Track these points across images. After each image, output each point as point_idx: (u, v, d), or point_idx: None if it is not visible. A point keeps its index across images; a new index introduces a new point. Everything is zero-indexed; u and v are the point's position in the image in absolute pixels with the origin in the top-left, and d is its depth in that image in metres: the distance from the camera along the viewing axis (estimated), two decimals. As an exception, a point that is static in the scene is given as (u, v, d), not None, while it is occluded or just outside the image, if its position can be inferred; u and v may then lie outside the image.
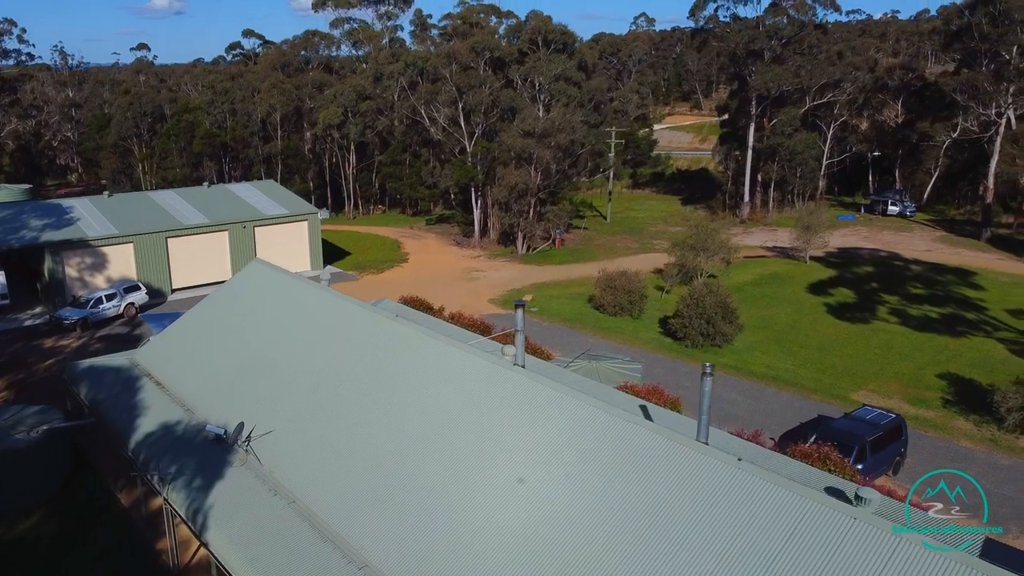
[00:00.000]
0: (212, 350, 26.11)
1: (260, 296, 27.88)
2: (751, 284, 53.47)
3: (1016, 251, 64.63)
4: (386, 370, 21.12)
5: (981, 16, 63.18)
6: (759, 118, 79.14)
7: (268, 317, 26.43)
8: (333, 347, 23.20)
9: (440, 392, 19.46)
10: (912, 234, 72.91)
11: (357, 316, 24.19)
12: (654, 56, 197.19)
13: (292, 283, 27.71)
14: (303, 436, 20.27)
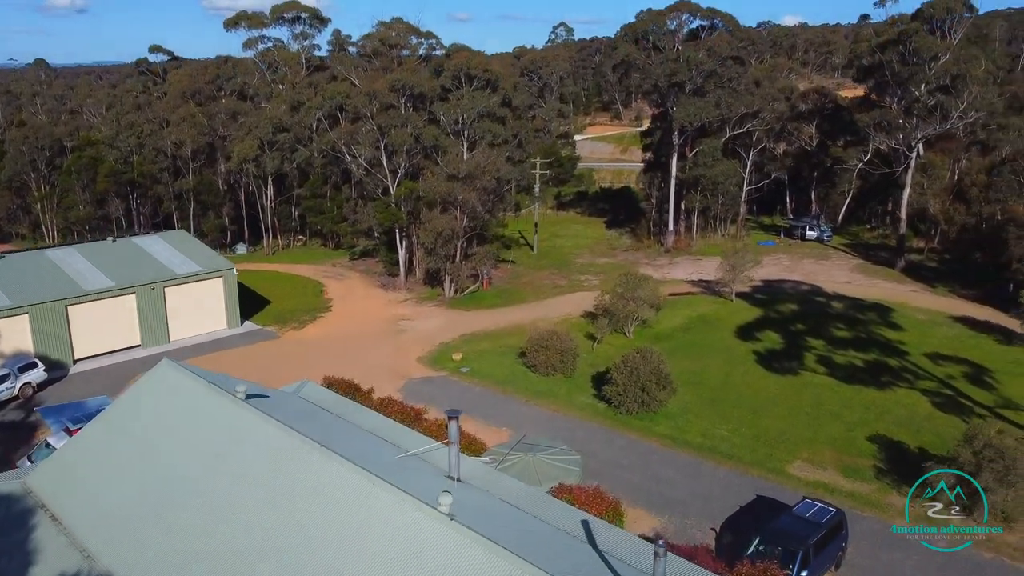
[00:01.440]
0: (116, 474, 23.79)
1: (168, 408, 25.65)
2: (680, 330, 53.39)
3: (928, 280, 66.70)
4: (297, 523, 19.33)
5: (892, 55, 64.96)
6: (682, 147, 79.78)
7: (177, 435, 24.27)
8: (239, 486, 21.29)
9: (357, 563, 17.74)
10: (831, 263, 74.56)
11: (272, 443, 22.32)
12: (574, 66, 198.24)
13: (201, 394, 25.57)
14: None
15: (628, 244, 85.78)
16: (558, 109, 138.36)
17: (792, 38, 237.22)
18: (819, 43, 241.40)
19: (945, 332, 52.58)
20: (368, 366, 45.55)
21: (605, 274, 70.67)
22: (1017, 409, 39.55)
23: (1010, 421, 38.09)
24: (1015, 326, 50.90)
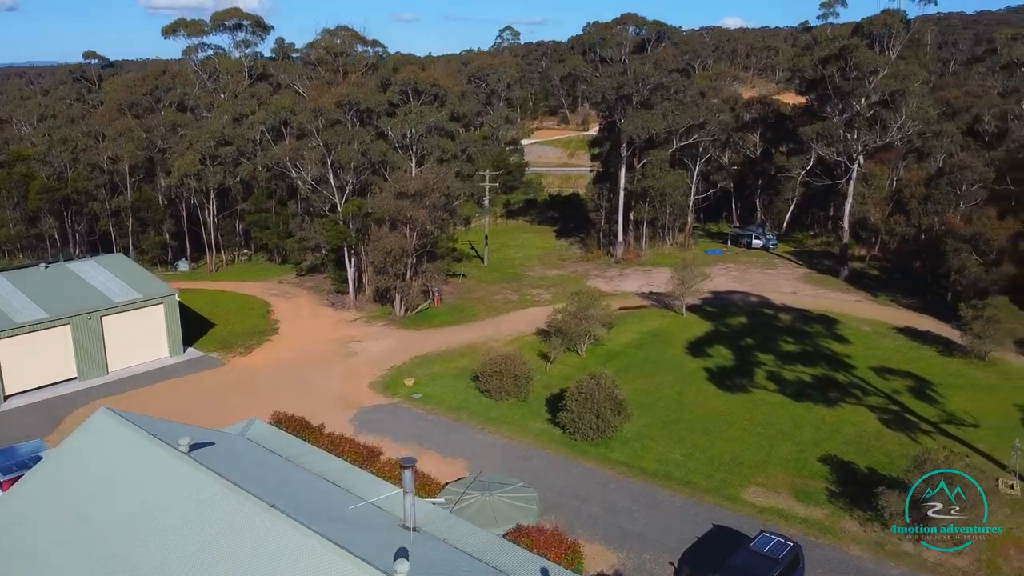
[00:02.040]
0: (48, 539, 22.53)
1: (106, 464, 24.41)
2: (632, 347, 53.47)
3: (871, 290, 68.18)
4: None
5: (833, 69, 66.24)
6: (630, 158, 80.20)
7: (115, 494, 23.10)
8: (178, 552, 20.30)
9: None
10: (777, 272, 75.71)
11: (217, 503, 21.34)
12: (521, 71, 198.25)
13: (141, 447, 24.39)
14: None
15: (578, 255, 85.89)
16: (506, 115, 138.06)
17: (734, 43, 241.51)
18: (760, 48, 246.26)
19: (889, 344, 53.71)
20: (318, 394, 44.55)
21: (556, 287, 70.61)
22: (960, 424, 40.50)
23: (954, 437, 39.01)
24: (955, 336, 52.43)
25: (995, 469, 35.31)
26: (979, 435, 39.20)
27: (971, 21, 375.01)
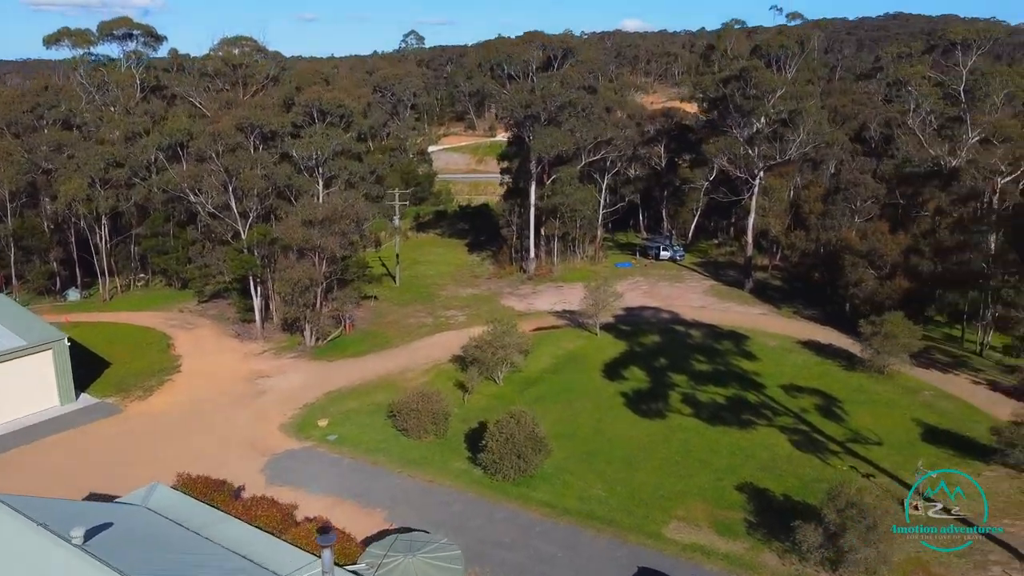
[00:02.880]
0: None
1: (-8, 559, 22.30)
2: (550, 372, 53.37)
3: (775, 301, 70.43)
4: None
5: (735, 89, 68.05)
6: (539, 174, 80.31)
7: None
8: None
9: None
10: (685, 285, 77.29)
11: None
12: (427, 78, 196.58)
13: (28, 541, 22.40)
14: None
15: (491, 271, 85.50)
16: (413, 126, 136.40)
17: (635, 48, 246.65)
18: (660, 53, 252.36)
19: (795, 359, 55.45)
20: (227, 441, 42.47)
21: (471, 308, 70.00)
22: (865, 443, 42.06)
23: (860, 456, 40.49)
24: (855, 349, 54.49)
25: (901, 490, 36.70)
26: (883, 453, 40.80)
27: (853, 27, 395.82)
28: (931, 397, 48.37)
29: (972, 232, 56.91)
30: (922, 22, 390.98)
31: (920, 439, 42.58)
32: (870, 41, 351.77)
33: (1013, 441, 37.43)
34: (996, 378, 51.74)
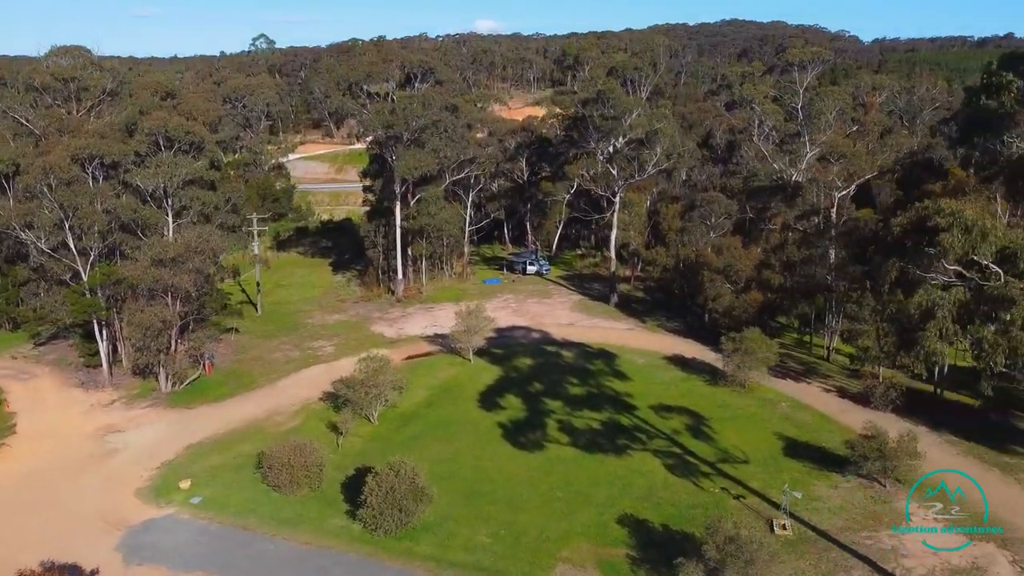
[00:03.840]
0: None
1: None
2: (425, 405, 52.39)
3: (639, 315, 72.51)
4: None
5: (593, 111, 69.48)
6: (404, 194, 78.93)
7: None
8: None
9: None
10: (553, 301, 78.23)
11: None
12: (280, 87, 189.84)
13: None
14: None
15: (358, 293, 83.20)
16: (268, 139, 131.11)
17: (491, 55, 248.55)
18: (515, 59, 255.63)
19: (663, 377, 57.17)
20: (74, 517, 38.69)
21: (340, 337, 67.78)
22: (734, 462, 43.83)
23: (730, 477, 42.14)
24: (716, 360, 56.85)
25: (769, 509, 38.47)
26: (751, 472, 42.65)
27: (694, 32, 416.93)
28: (788, 409, 51.12)
29: (815, 247, 60.67)
30: (754, 28, 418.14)
31: (782, 454, 44.83)
32: (709, 46, 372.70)
33: (865, 454, 40.08)
34: (843, 383, 55.42)
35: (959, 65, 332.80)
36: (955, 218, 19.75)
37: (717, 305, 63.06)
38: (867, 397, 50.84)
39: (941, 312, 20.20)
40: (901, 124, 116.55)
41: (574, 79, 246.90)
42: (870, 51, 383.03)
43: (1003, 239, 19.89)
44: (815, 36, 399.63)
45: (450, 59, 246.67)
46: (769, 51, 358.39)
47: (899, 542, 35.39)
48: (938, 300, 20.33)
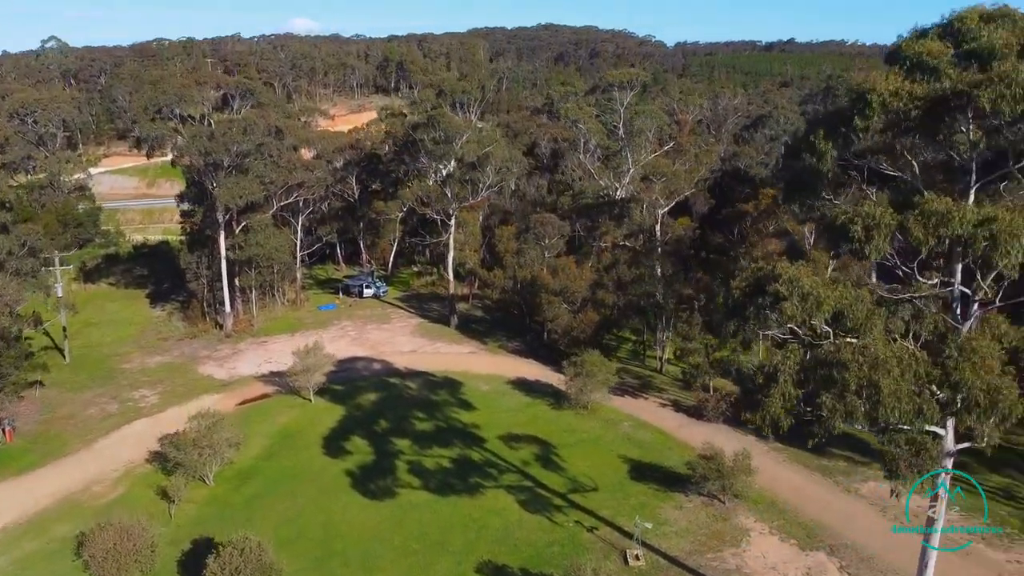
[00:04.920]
0: None
1: None
2: (264, 458, 49.60)
3: (480, 336, 72.71)
4: None
5: (424, 135, 68.69)
6: (228, 223, 74.49)
7: None
8: None
9: None
10: (393, 327, 76.79)
11: None
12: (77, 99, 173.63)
13: None
14: None
15: (182, 330, 77.56)
16: (67, 157, 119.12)
17: (311, 60, 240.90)
18: (337, 65, 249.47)
19: (508, 403, 57.52)
20: None
21: (164, 383, 62.84)
22: (584, 491, 44.75)
23: (581, 508, 42.92)
24: (557, 381, 58.00)
25: (622, 539, 39.54)
26: (601, 500, 43.68)
27: (512, 36, 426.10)
28: (630, 428, 52.97)
29: (644, 265, 63.36)
30: (568, 33, 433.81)
31: (628, 477, 46.30)
32: (528, 50, 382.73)
33: (705, 475, 42.22)
34: (677, 396, 58.26)
35: (752, 68, 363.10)
36: (793, 286, 20.80)
37: (556, 326, 64.37)
38: (700, 411, 53.74)
39: (783, 377, 21.23)
40: (708, 132, 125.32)
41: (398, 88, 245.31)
42: (674, 55, 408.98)
43: (835, 301, 21.22)
44: (624, 41, 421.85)
45: (268, 63, 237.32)
46: (584, 55, 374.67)
47: (742, 560, 37.62)
48: (780, 365, 21.34)
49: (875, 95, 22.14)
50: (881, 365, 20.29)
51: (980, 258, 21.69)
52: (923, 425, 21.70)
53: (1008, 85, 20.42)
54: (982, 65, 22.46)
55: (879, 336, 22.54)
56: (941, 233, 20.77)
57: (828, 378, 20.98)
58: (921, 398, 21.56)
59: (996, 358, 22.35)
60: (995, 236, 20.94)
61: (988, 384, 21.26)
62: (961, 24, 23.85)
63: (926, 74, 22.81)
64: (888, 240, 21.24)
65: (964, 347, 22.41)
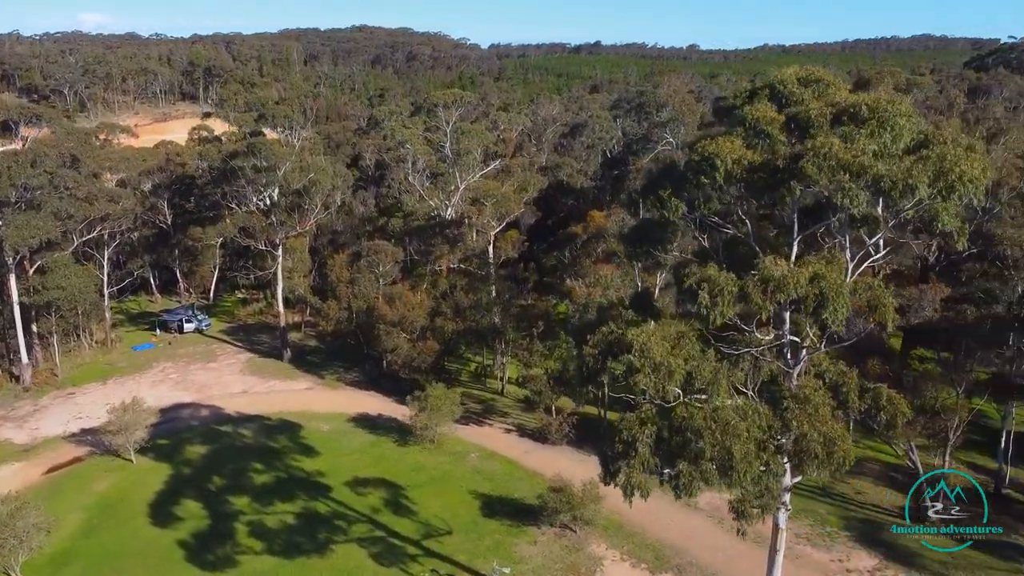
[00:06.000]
0: None
1: None
2: (82, 536, 44.71)
3: (316, 370, 69.84)
4: None
5: (244, 163, 64.78)
6: (20, 265, 66.70)
7: None
8: None
9: None
10: (220, 365, 72.15)
11: None
12: None
13: None
14: None
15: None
16: None
17: (107, 65, 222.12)
18: (137, 70, 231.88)
19: (352, 443, 55.50)
20: None
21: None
22: (438, 535, 43.93)
23: (437, 555, 42.06)
24: (401, 414, 56.90)
25: (480, 586, 39.19)
26: (456, 543, 43.05)
27: (327, 38, 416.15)
28: (478, 460, 52.77)
29: (481, 291, 63.45)
30: (384, 35, 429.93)
31: (481, 515, 45.98)
32: (343, 52, 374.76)
33: (557, 508, 42.79)
34: (521, 420, 58.79)
35: (564, 70, 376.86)
36: (645, 357, 21.17)
37: (396, 356, 63.01)
38: (545, 434, 54.54)
39: (641, 447, 21.60)
40: (529, 141, 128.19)
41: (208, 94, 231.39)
42: (490, 58, 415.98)
43: (685, 369, 21.82)
44: (440, 43, 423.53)
45: (55, 68, 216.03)
46: (401, 58, 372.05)
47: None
48: (638, 435, 21.70)
49: (720, 161, 23.06)
50: (731, 431, 21.12)
51: (811, 314, 23.07)
52: (771, 479, 22.85)
53: (824, 158, 21.91)
54: (803, 132, 24.02)
55: (724, 393, 23.51)
56: (779, 298, 21.88)
57: (684, 444, 21.56)
58: (767, 453, 22.66)
59: (827, 405, 24.00)
60: (823, 294, 22.45)
61: (824, 435, 22.69)
62: (783, 88, 25.37)
63: (761, 139, 24.08)
64: (731, 305, 22.13)
65: (799, 397, 23.88)
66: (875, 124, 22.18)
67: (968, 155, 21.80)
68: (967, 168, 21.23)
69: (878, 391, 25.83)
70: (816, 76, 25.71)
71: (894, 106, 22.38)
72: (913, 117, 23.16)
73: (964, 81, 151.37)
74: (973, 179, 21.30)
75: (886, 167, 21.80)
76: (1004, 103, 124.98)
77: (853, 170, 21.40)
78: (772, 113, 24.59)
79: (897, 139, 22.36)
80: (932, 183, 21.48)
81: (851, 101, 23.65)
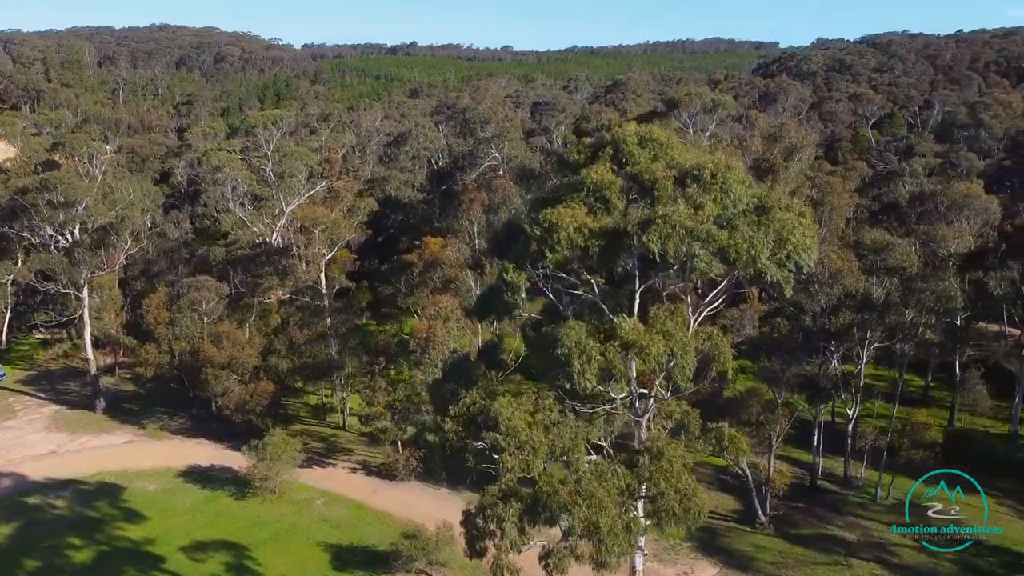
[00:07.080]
0: None
1: None
2: None
3: (136, 418, 64.45)
4: None
5: (38, 199, 58.24)
6: None
7: None
8: None
9: None
10: (21, 421, 64.83)
11: None
12: None
13: None
14: None
15: None
16: None
17: None
18: None
19: (183, 502, 51.50)
20: None
21: None
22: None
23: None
24: (236, 462, 53.69)
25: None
26: (309, 605, 41.13)
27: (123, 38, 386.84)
28: (323, 506, 50.68)
29: (317, 324, 61.09)
30: (188, 34, 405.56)
31: (332, 568, 44.23)
32: (144, 54, 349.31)
33: (411, 555, 41.95)
34: (365, 455, 57.23)
35: (382, 72, 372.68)
36: (510, 437, 21.00)
37: (227, 400, 59.14)
38: (392, 471, 53.32)
39: (508, 526, 21.40)
40: (354, 153, 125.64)
41: None
42: (304, 59, 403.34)
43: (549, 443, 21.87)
44: (250, 44, 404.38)
45: None
46: (208, 59, 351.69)
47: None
48: (503, 514, 21.46)
49: (562, 231, 23.21)
50: (597, 504, 21.36)
51: (665, 374, 23.88)
52: (632, 538, 23.40)
53: (673, 227, 22.67)
54: (646, 193, 24.74)
55: (582, 455, 23.83)
56: (637, 365, 22.41)
57: (551, 520, 21.58)
58: (627, 515, 23.17)
59: (680, 457, 24.92)
60: (674, 352, 23.29)
61: (679, 491, 23.52)
62: (625, 146, 26.01)
63: (601, 204, 24.52)
64: (597, 372, 22.42)
65: (653, 452, 24.63)
66: (718, 190, 23.27)
67: (800, 222, 23.42)
68: (800, 238, 22.83)
69: (719, 431, 27.26)
70: (652, 137, 26.57)
71: (732, 173, 23.58)
72: (747, 182, 24.53)
73: (755, 89, 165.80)
74: (806, 248, 22.93)
75: (729, 237, 22.91)
76: (790, 109, 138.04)
77: (702, 239, 22.33)
78: (610, 176, 25.14)
79: (737, 203, 23.57)
80: (772, 254, 22.89)
81: (692, 164, 24.66)
